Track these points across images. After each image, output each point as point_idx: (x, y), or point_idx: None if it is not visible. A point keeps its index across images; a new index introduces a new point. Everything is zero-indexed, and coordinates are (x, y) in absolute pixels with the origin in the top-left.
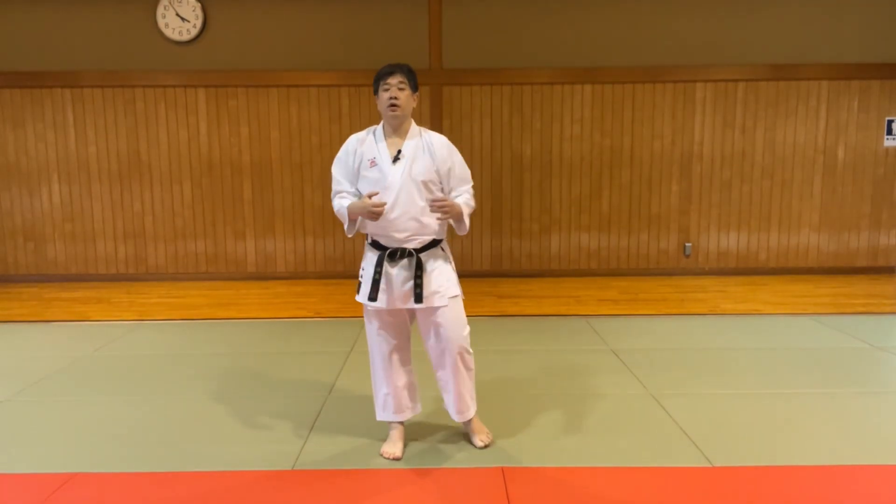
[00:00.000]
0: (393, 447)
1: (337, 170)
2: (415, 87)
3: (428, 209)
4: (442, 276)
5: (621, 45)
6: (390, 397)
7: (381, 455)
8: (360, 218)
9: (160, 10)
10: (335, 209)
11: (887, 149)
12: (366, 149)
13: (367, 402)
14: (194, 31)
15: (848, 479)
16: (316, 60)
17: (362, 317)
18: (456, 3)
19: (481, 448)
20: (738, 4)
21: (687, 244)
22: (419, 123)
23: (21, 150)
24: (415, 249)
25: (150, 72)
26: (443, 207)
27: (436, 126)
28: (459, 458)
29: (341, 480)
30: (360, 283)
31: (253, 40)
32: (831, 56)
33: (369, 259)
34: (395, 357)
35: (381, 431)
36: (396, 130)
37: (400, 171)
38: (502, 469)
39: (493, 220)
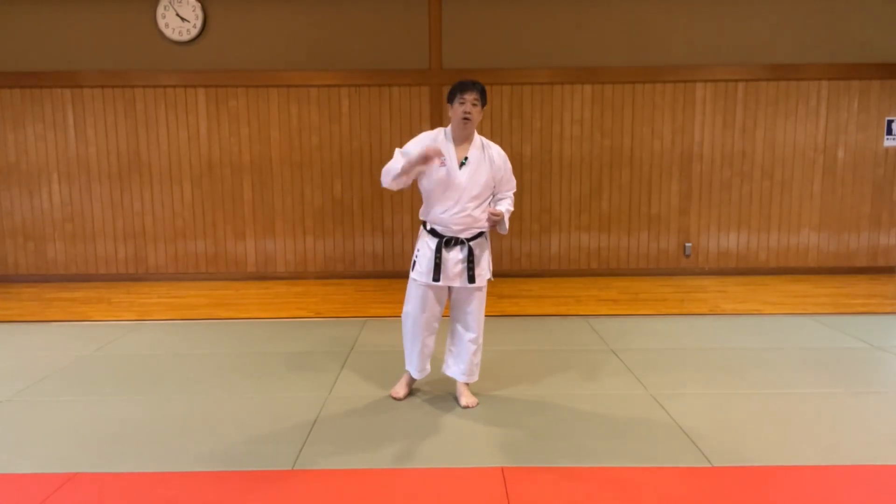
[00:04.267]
0: (398, 388)
1: (409, 144)
2: (485, 104)
3: (481, 207)
4: (484, 261)
5: (621, 45)
6: (416, 357)
7: (390, 394)
8: (405, 172)
9: (160, 10)
10: (388, 166)
11: (887, 149)
12: (438, 147)
13: (367, 401)
14: (194, 31)
15: (848, 479)
16: (316, 60)
17: (362, 316)
18: (456, 3)
19: (464, 407)
20: (738, 4)
21: (687, 244)
22: (420, 123)
23: (21, 150)
24: (466, 239)
25: (150, 72)
26: (495, 219)
27: (436, 126)
28: (459, 458)
29: (341, 480)
30: (414, 262)
31: (253, 40)
32: (831, 56)
33: (427, 244)
34: (428, 325)
35: (379, 433)
36: (463, 138)
37: (465, 176)
38: (502, 469)
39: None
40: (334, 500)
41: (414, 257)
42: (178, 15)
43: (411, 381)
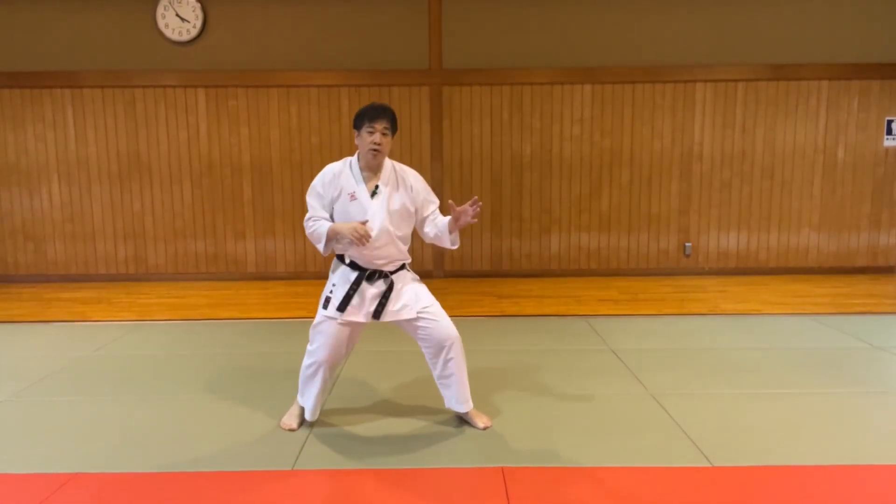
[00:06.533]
0: (291, 419)
1: (313, 198)
2: (395, 131)
3: (401, 237)
4: (410, 291)
5: (621, 45)
6: (313, 399)
7: (281, 425)
8: (334, 239)
9: (160, 11)
10: (309, 231)
11: (887, 149)
12: (344, 183)
13: (367, 402)
14: (194, 32)
15: (848, 479)
16: (316, 60)
17: None
18: (456, 3)
19: (483, 429)
20: (738, 4)
21: (687, 244)
22: (420, 123)
23: (21, 150)
24: (388, 272)
25: (150, 72)
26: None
27: (436, 126)
28: (459, 458)
29: (341, 480)
30: (328, 298)
31: (253, 40)
32: (831, 56)
33: (343, 278)
34: (334, 367)
35: (379, 433)
36: (373, 167)
37: (380, 205)
38: (502, 469)
39: (492, 220)
40: (334, 500)
41: (327, 293)
42: (178, 15)
43: (303, 412)
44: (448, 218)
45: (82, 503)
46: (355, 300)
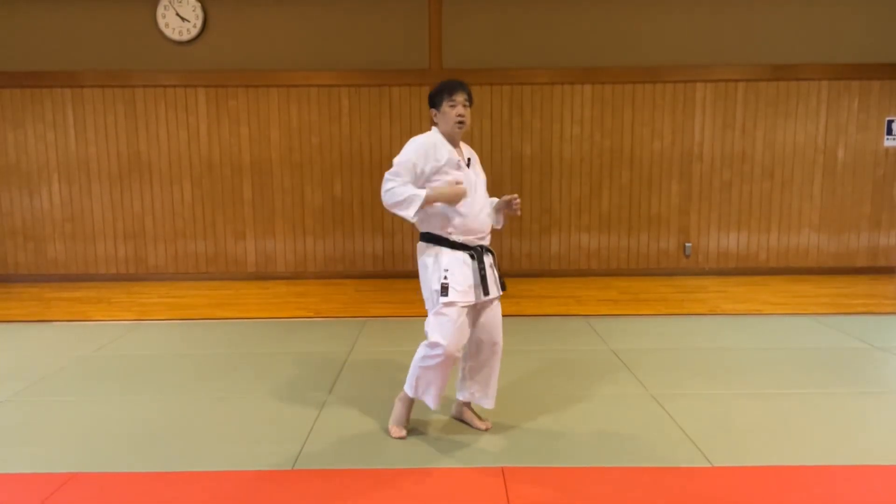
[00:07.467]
0: (400, 429)
1: (404, 168)
2: (472, 103)
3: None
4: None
5: (621, 45)
6: (438, 392)
7: (391, 434)
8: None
9: (160, 10)
10: (398, 195)
11: (887, 149)
12: (443, 154)
13: (367, 402)
14: (194, 31)
15: (848, 479)
16: (316, 60)
17: (362, 317)
18: (456, 3)
19: (485, 430)
20: (738, 4)
21: (687, 244)
22: (420, 123)
23: (21, 150)
24: (484, 246)
25: (150, 72)
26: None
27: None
28: (459, 458)
29: (341, 480)
30: (445, 286)
31: (253, 40)
32: (831, 56)
33: (458, 259)
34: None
35: (379, 433)
36: (456, 140)
37: (476, 175)
38: (502, 469)
39: None
40: (334, 500)
41: (441, 280)
42: (178, 15)
43: (409, 413)
44: (496, 200)
45: (82, 503)
46: (473, 280)
